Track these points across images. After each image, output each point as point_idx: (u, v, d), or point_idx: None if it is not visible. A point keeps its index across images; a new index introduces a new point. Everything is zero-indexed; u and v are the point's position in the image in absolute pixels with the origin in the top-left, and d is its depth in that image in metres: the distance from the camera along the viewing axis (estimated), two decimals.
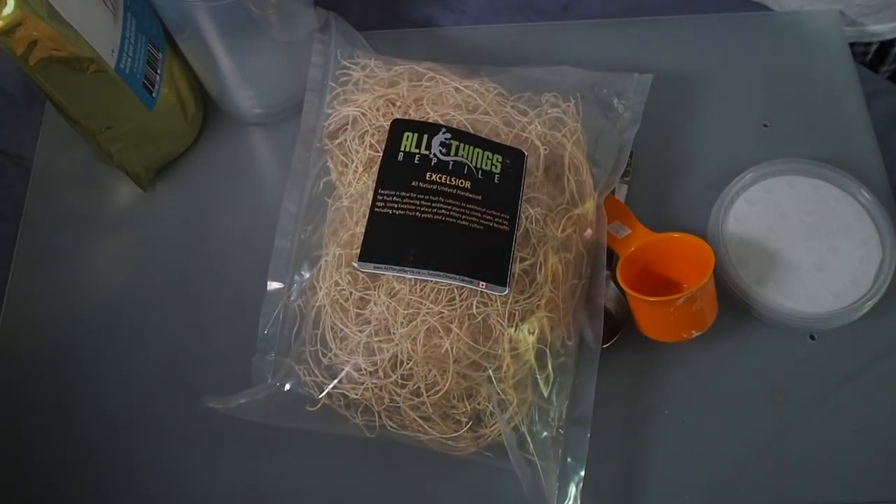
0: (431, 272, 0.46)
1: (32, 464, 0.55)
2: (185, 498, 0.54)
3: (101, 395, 0.56)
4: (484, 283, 0.46)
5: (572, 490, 0.48)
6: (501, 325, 0.46)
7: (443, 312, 0.46)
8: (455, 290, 0.47)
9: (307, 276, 0.51)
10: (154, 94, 0.59)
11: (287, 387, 0.49)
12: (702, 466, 0.53)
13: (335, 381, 0.47)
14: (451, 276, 0.46)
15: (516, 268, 0.47)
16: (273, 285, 0.52)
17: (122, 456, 0.55)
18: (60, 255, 0.61)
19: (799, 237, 0.58)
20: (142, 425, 0.55)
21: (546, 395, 0.49)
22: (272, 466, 0.54)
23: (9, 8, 0.48)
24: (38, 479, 0.54)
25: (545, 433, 0.49)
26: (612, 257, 0.58)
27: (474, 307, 0.46)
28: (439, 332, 0.46)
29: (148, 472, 0.54)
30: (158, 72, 0.60)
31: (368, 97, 0.53)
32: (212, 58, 0.58)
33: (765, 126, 0.64)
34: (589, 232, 0.52)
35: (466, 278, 0.46)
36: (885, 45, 0.71)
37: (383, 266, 0.46)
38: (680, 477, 0.53)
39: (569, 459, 0.49)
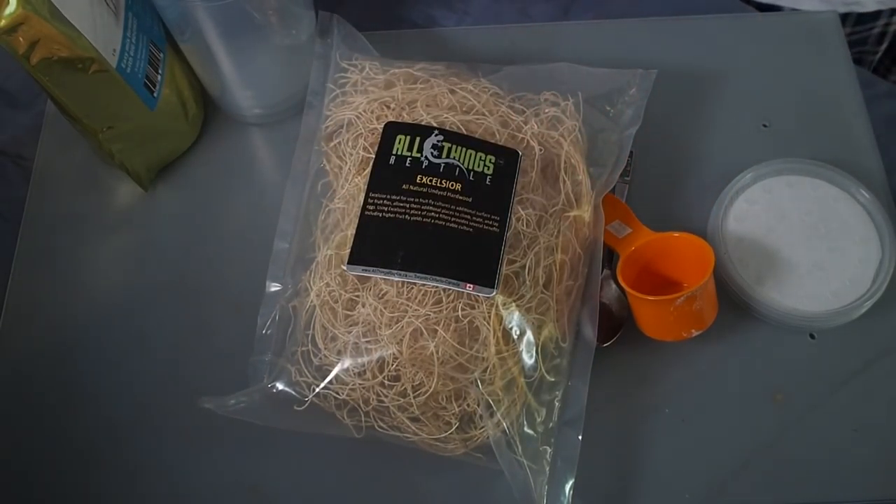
0: (418, 274, 0.46)
1: (32, 464, 0.54)
2: (185, 498, 0.54)
3: (101, 395, 0.56)
4: (471, 286, 0.46)
5: (565, 493, 0.48)
6: (488, 327, 0.46)
7: (428, 315, 0.46)
8: (441, 293, 0.47)
9: (302, 277, 0.51)
10: (155, 94, 0.59)
11: (279, 387, 0.49)
12: (702, 465, 0.53)
13: (325, 382, 0.47)
14: (437, 278, 0.46)
15: (504, 269, 0.47)
16: (272, 287, 0.52)
17: (122, 456, 0.54)
18: (60, 255, 0.61)
19: (798, 237, 0.58)
20: (142, 425, 0.55)
21: (537, 397, 0.49)
22: (273, 466, 0.54)
23: (11, 7, 0.48)
24: (38, 479, 0.54)
25: (535, 436, 0.48)
26: (612, 256, 0.58)
27: (459, 309, 0.46)
28: (424, 334, 0.46)
29: (148, 472, 0.54)
30: (160, 72, 0.60)
31: (363, 100, 0.53)
32: (212, 58, 0.58)
33: (765, 126, 0.64)
34: (585, 232, 0.52)
35: (452, 280, 0.46)
36: (894, 50, 0.70)
37: (371, 269, 0.47)
38: (680, 476, 0.53)
39: (559, 462, 0.49)
